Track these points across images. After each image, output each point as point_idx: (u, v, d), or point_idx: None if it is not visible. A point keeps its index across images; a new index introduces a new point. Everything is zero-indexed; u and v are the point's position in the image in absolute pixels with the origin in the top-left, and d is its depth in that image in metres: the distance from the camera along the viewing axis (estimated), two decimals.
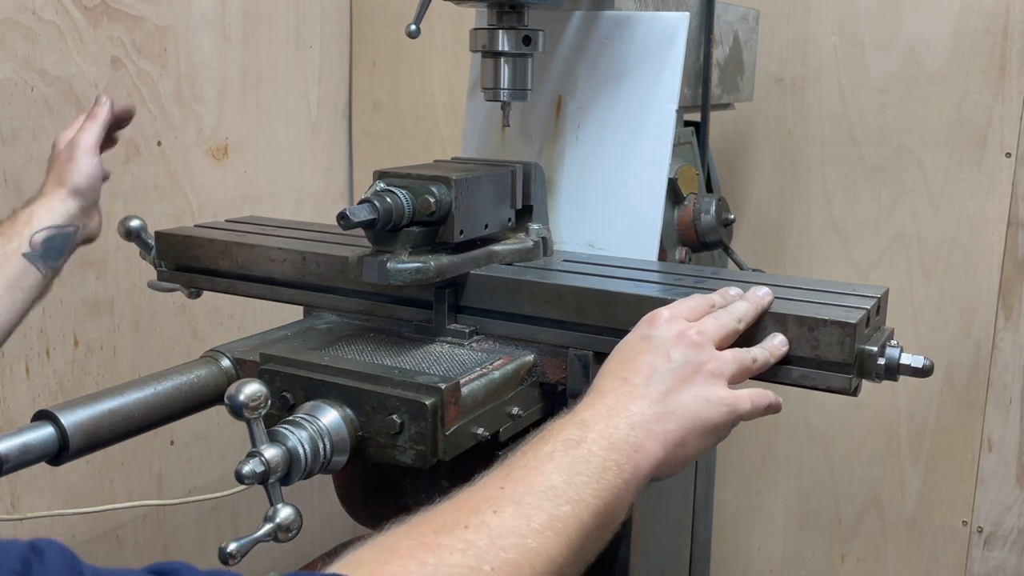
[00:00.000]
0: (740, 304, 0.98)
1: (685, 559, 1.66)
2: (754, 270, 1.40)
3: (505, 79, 1.24)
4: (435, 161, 1.32)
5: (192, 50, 1.94)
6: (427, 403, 0.93)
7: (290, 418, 0.94)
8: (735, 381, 0.91)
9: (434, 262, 1.11)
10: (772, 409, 0.93)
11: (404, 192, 1.10)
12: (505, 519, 0.71)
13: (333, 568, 0.63)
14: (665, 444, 0.83)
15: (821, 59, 1.92)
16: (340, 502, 1.25)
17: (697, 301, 0.97)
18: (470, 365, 1.07)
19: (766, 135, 1.99)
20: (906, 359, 0.99)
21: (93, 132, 1.30)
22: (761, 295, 0.99)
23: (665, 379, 0.86)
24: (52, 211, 1.24)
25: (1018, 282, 1.83)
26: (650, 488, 1.41)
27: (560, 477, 0.75)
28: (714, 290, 1.07)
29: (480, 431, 1.01)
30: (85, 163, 1.27)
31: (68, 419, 0.95)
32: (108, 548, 1.89)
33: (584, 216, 1.33)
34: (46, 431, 0.94)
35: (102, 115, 1.32)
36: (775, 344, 0.97)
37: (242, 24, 2.06)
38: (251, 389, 0.86)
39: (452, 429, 0.96)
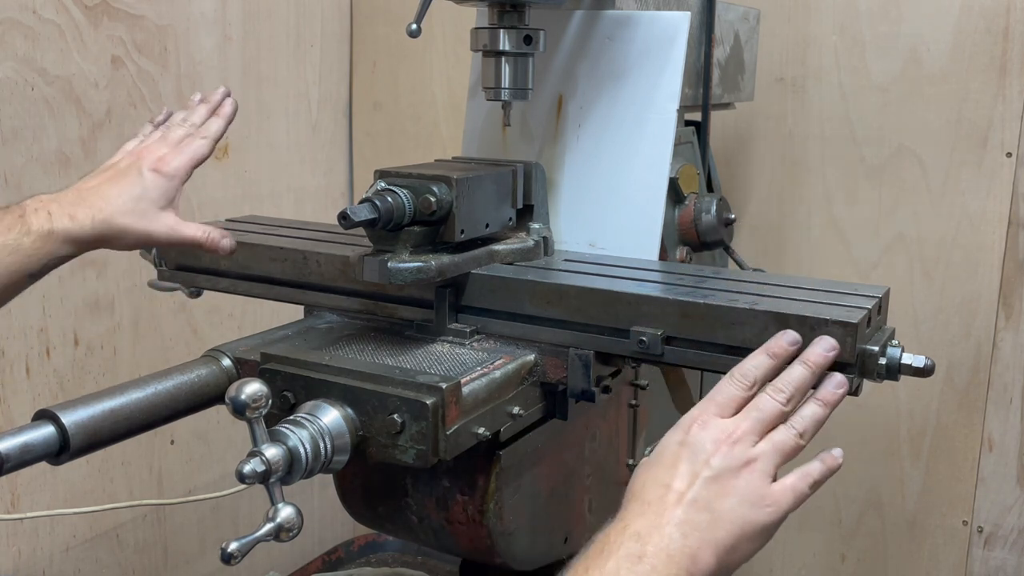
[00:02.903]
0: (768, 403, 0.92)
1: None
2: (755, 270, 1.40)
3: (506, 78, 1.24)
4: (436, 161, 1.32)
5: (192, 49, 1.94)
6: (428, 403, 0.93)
7: (291, 418, 0.93)
8: (782, 465, 0.89)
9: (435, 262, 1.11)
10: (819, 484, 0.90)
11: (405, 191, 1.10)
12: None
13: None
14: (717, 552, 0.82)
15: (822, 59, 1.92)
16: (340, 502, 1.25)
17: (730, 391, 0.92)
18: (471, 365, 1.07)
19: (767, 135, 1.99)
20: (907, 359, 0.99)
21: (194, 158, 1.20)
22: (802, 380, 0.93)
23: (709, 486, 0.85)
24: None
25: (1018, 282, 1.83)
26: None
27: None
28: (714, 290, 1.07)
29: (481, 431, 1.00)
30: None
31: (69, 419, 0.95)
32: (108, 548, 1.89)
33: (585, 216, 1.32)
34: (46, 430, 0.94)
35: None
36: (829, 391, 0.93)
37: (242, 23, 2.06)
38: (252, 388, 0.86)
39: (453, 429, 0.96)
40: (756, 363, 0.94)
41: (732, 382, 0.92)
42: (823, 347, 0.94)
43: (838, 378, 0.94)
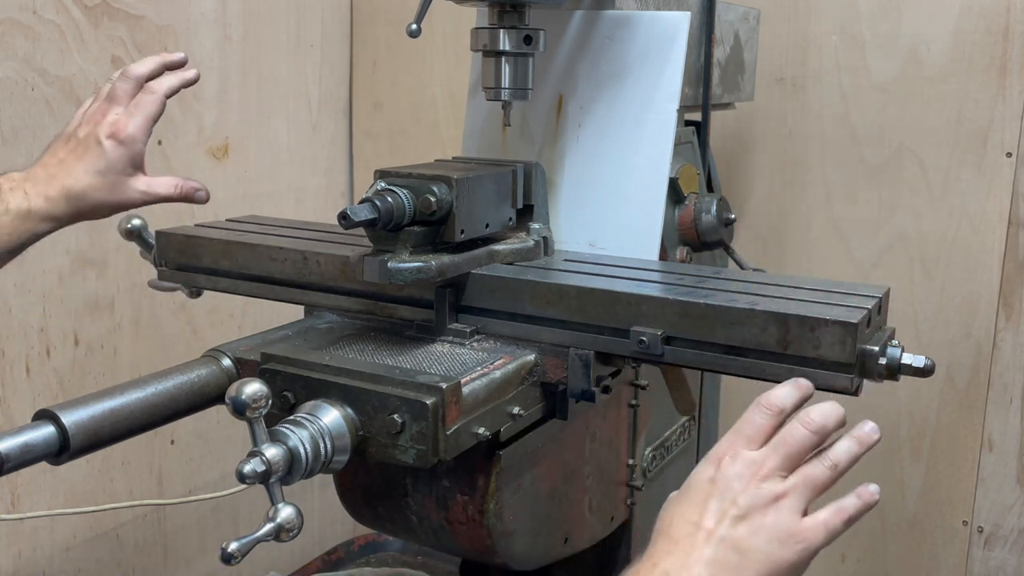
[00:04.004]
0: (798, 433, 0.89)
1: None
2: (755, 270, 1.40)
3: (506, 78, 1.24)
4: (436, 161, 1.32)
5: (193, 49, 1.94)
6: (428, 403, 0.93)
7: (291, 417, 0.93)
8: (813, 499, 0.88)
9: (435, 262, 1.11)
10: (854, 521, 0.88)
11: (405, 191, 1.10)
12: None
13: None
14: None
15: (822, 59, 1.92)
16: (341, 502, 1.24)
17: (757, 421, 0.90)
18: (471, 365, 1.07)
19: (767, 135, 1.99)
20: (907, 359, 0.99)
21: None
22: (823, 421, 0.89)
23: (737, 525, 0.84)
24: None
25: (1018, 282, 1.83)
26: (650, 488, 1.42)
27: None
28: (714, 290, 1.07)
29: (481, 431, 1.00)
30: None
31: (69, 418, 0.95)
32: (108, 548, 1.89)
33: (585, 216, 1.32)
34: (47, 430, 0.94)
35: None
36: (865, 432, 0.91)
37: (243, 23, 2.06)
38: (252, 388, 0.86)
39: (453, 429, 0.96)
40: (784, 393, 0.92)
41: (759, 411, 0.90)
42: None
43: (872, 424, 0.91)
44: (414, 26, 1.16)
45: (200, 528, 2.10)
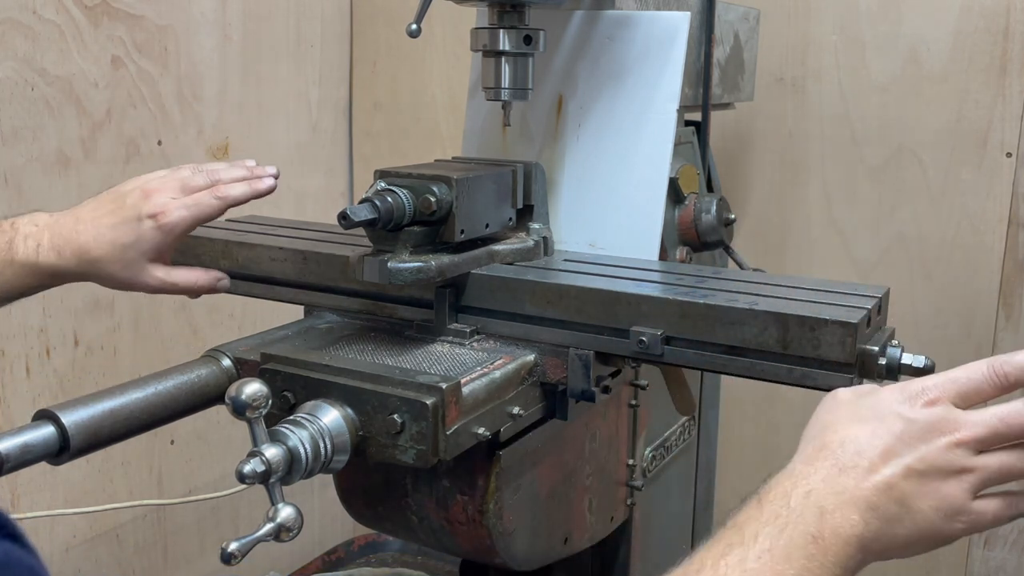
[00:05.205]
0: (1019, 418, 0.78)
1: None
2: (755, 270, 1.40)
3: (506, 78, 1.24)
4: (436, 161, 1.32)
5: (192, 49, 1.94)
6: (428, 403, 0.93)
7: (291, 418, 0.93)
8: (989, 486, 0.79)
9: (435, 262, 1.11)
10: (1019, 517, 0.81)
11: (405, 192, 1.10)
12: None
13: None
14: (888, 547, 0.77)
15: (822, 59, 1.92)
16: (340, 502, 1.24)
17: (979, 380, 0.80)
18: (471, 365, 1.07)
19: (766, 135, 1.99)
20: (907, 359, 0.99)
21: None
22: None
23: (911, 480, 0.76)
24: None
25: (1018, 282, 1.83)
26: (650, 488, 1.42)
27: None
28: (714, 290, 1.07)
29: (481, 431, 1.00)
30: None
31: (69, 419, 0.95)
32: (108, 548, 1.89)
33: (585, 216, 1.32)
34: (47, 431, 0.94)
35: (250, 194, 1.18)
36: None
37: (242, 24, 2.06)
38: (252, 388, 0.86)
39: (453, 429, 0.96)
40: (1022, 362, 0.80)
41: (987, 371, 0.80)
42: None
43: None
44: (414, 26, 1.16)
45: (200, 528, 2.10)
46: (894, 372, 0.99)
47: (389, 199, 1.08)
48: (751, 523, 0.75)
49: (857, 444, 0.78)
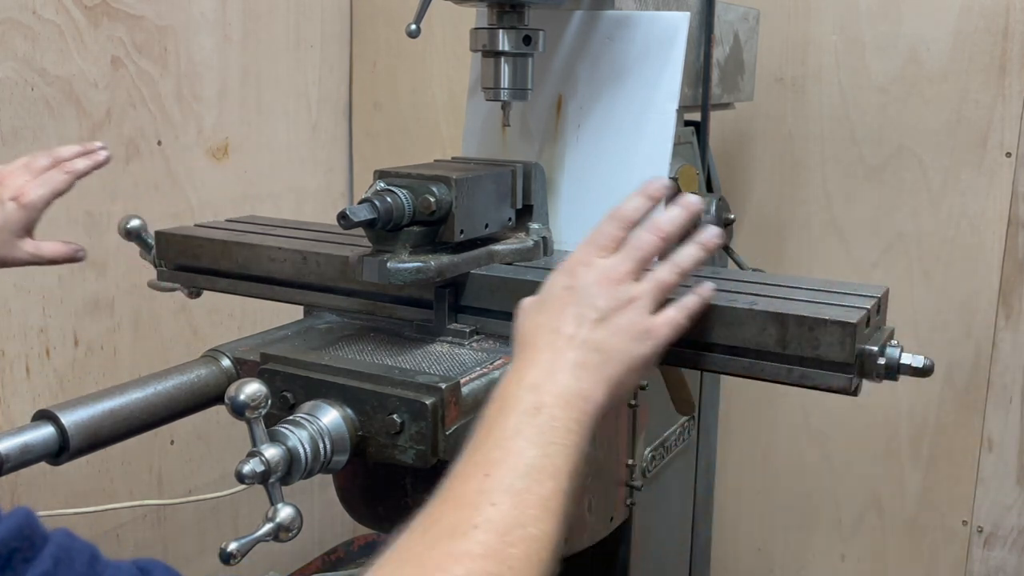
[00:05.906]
0: (646, 239, 0.95)
1: (685, 559, 1.66)
2: (754, 270, 1.40)
3: (505, 79, 1.24)
4: (435, 161, 1.32)
5: (192, 50, 1.94)
6: (427, 403, 0.93)
7: (290, 418, 0.93)
8: (661, 299, 0.93)
9: (434, 262, 1.11)
10: (695, 316, 0.96)
11: (404, 192, 1.10)
12: (504, 511, 0.72)
13: None
14: (608, 388, 0.86)
15: (821, 59, 1.92)
16: (340, 502, 1.24)
17: (609, 231, 0.95)
18: (470, 365, 1.07)
19: (766, 135, 1.99)
20: (906, 359, 0.99)
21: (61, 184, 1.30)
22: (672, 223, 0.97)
23: (597, 327, 0.88)
24: None
25: (1018, 282, 1.83)
26: (650, 488, 1.42)
27: (534, 451, 0.77)
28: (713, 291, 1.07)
29: None
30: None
31: (68, 419, 0.95)
32: (108, 548, 1.89)
33: (584, 216, 1.32)
34: (46, 431, 0.94)
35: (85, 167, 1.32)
36: (708, 237, 0.97)
37: (242, 24, 2.06)
38: (251, 389, 0.86)
39: (453, 429, 0.96)
40: (635, 205, 0.97)
41: (612, 223, 0.96)
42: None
43: (715, 229, 0.99)
44: (414, 26, 1.16)
45: (200, 528, 2.10)
46: (893, 372, 0.99)
47: (389, 199, 1.08)
48: (492, 430, 0.80)
49: (543, 327, 0.89)
